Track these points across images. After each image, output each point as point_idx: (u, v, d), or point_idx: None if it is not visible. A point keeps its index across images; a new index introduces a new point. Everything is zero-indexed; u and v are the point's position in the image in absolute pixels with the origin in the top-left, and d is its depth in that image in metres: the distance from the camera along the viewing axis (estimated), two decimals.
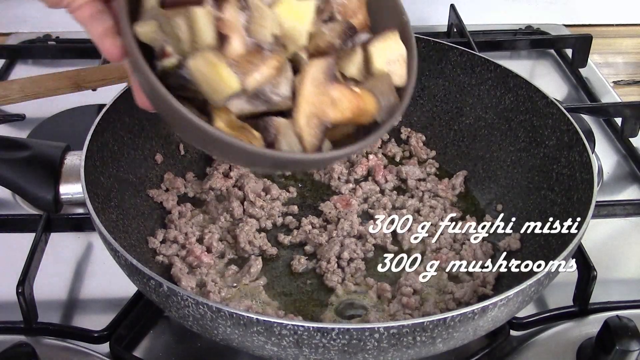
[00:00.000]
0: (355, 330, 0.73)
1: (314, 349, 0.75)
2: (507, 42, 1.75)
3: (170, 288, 0.78)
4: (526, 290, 0.81)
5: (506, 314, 0.83)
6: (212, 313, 0.76)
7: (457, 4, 1.79)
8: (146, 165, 1.13)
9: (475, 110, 1.23)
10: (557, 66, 1.76)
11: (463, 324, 0.77)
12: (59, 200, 0.97)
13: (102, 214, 0.93)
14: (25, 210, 1.21)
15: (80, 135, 1.00)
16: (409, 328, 0.74)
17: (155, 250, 1.05)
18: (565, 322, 1.04)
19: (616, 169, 1.41)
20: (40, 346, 0.92)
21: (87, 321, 1.03)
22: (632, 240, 1.24)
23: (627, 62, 1.84)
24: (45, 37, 1.76)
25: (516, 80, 1.17)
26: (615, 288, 1.12)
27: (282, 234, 1.12)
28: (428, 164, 1.26)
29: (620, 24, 1.96)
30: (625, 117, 1.44)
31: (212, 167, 1.21)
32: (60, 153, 0.99)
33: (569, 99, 1.63)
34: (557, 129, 1.09)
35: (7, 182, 0.97)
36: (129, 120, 1.10)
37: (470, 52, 1.24)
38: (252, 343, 0.77)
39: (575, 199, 1.00)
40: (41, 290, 1.02)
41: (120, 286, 1.00)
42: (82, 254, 1.16)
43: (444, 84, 1.27)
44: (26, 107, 1.46)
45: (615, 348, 0.90)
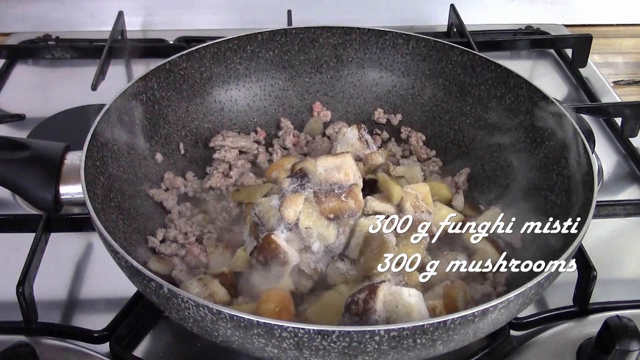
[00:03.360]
0: (356, 333, 0.73)
1: (315, 351, 0.75)
2: (507, 42, 1.75)
3: (170, 290, 0.78)
4: (526, 292, 0.80)
5: (506, 316, 0.83)
6: (213, 315, 0.76)
7: (457, 4, 1.78)
8: (146, 165, 1.13)
9: (475, 110, 1.23)
10: (557, 66, 1.76)
11: (463, 327, 0.77)
12: (59, 200, 0.97)
13: (102, 214, 0.92)
14: (25, 210, 1.22)
15: (80, 135, 0.99)
16: (409, 331, 0.74)
17: (155, 249, 1.05)
18: (565, 322, 1.04)
19: (616, 169, 1.41)
20: (40, 346, 0.92)
21: (87, 321, 1.03)
22: (632, 240, 1.24)
23: (627, 62, 1.84)
24: (45, 37, 1.76)
25: (516, 80, 1.17)
26: (615, 288, 1.13)
27: None
28: (431, 162, 1.26)
29: (620, 24, 1.96)
30: (625, 117, 1.43)
31: (212, 166, 1.21)
32: (60, 153, 0.99)
33: (569, 99, 1.63)
34: (557, 129, 1.09)
35: (7, 182, 0.97)
36: (129, 120, 1.10)
37: (471, 52, 1.24)
38: (253, 345, 0.77)
39: (576, 199, 1.00)
40: (41, 290, 1.02)
41: (120, 286, 1.00)
42: (82, 254, 1.16)
43: (444, 83, 1.27)
44: (26, 107, 1.47)
45: (615, 348, 0.90)
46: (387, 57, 1.31)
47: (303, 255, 0.97)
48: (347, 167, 1.01)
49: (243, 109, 1.29)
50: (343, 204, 0.97)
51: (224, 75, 1.26)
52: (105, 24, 1.68)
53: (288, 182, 1.00)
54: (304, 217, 0.96)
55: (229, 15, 1.84)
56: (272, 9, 1.77)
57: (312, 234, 0.96)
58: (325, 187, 1.00)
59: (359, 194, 0.99)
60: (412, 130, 1.30)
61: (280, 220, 0.96)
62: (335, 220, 0.98)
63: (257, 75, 1.29)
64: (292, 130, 1.30)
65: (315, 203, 0.97)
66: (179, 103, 1.20)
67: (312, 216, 0.96)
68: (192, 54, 1.21)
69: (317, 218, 0.96)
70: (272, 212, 0.98)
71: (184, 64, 1.20)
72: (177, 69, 1.19)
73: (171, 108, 1.19)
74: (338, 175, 1.00)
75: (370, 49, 1.31)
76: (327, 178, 1.00)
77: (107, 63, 1.55)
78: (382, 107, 1.32)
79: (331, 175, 1.00)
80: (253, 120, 1.30)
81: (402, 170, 1.18)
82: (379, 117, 1.32)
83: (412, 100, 1.31)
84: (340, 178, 1.00)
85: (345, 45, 1.31)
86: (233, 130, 1.27)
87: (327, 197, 0.97)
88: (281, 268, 0.94)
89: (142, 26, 1.82)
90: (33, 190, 0.97)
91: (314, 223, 0.96)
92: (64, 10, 1.78)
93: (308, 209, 0.96)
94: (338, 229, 0.99)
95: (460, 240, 1.07)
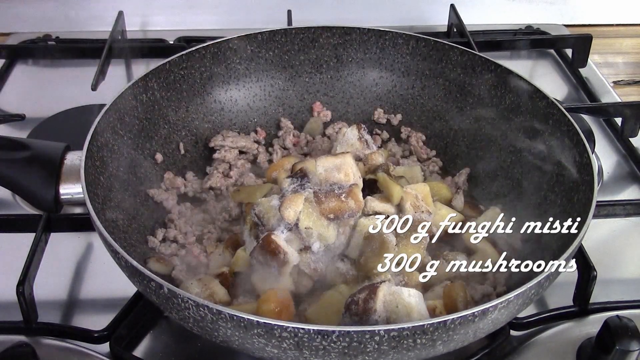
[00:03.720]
0: (356, 333, 0.73)
1: (315, 351, 0.75)
2: (507, 42, 1.75)
3: (170, 290, 0.78)
4: (526, 292, 0.80)
5: (506, 316, 0.83)
6: (213, 315, 0.76)
7: (457, 4, 1.78)
8: (146, 165, 1.13)
9: (475, 110, 1.23)
10: (557, 66, 1.76)
11: (463, 327, 0.77)
12: (59, 200, 0.97)
13: (102, 214, 0.93)
14: (25, 210, 1.21)
15: (80, 135, 0.99)
16: (409, 331, 0.74)
17: (155, 249, 1.05)
18: (565, 322, 1.04)
19: (616, 169, 1.41)
20: (40, 346, 0.92)
21: (87, 321, 1.03)
22: (632, 240, 1.24)
23: (627, 62, 1.84)
24: (45, 37, 1.75)
25: (516, 80, 1.17)
26: (615, 288, 1.13)
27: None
28: (431, 162, 1.26)
29: (620, 24, 1.96)
30: (625, 117, 1.43)
31: (212, 166, 1.21)
32: (60, 153, 0.98)
33: (569, 99, 1.63)
34: (557, 129, 1.09)
35: (7, 182, 0.97)
36: (129, 120, 1.10)
37: (471, 51, 1.24)
38: (253, 345, 0.77)
39: (576, 199, 1.00)
40: (41, 290, 1.02)
41: (120, 286, 1.00)
42: (82, 254, 1.16)
43: (444, 83, 1.27)
44: (26, 107, 1.47)
45: (615, 348, 0.90)
46: (387, 57, 1.31)
47: (303, 256, 0.97)
48: (347, 167, 1.01)
49: (243, 109, 1.29)
50: (343, 204, 0.97)
51: (224, 75, 1.26)
52: (105, 24, 1.68)
53: (288, 182, 1.00)
54: (304, 217, 0.96)
55: (229, 15, 1.84)
56: (272, 9, 1.77)
57: (312, 234, 0.96)
58: (325, 187, 1.00)
59: (359, 194, 1.00)
60: (412, 130, 1.30)
61: (280, 220, 0.96)
62: (335, 221, 0.98)
63: (257, 75, 1.29)
64: (292, 130, 1.30)
65: (315, 203, 0.97)
66: (179, 103, 1.20)
67: (312, 216, 0.96)
68: (192, 54, 1.21)
69: (317, 218, 0.97)
70: (272, 212, 0.98)
71: (184, 64, 1.20)
72: (177, 69, 1.19)
73: (171, 108, 1.19)
74: (338, 175, 1.00)
75: (370, 49, 1.31)
76: (327, 178, 1.00)
77: (107, 63, 1.55)
78: (382, 107, 1.32)
79: (331, 175, 1.00)
80: (253, 120, 1.30)
81: (402, 170, 1.18)
82: (379, 117, 1.32)
83: (412, 100, 1.31)
84: (340, 178, 1.00)
85: (345, 45, 1.31)
86: (233, 130, 1.27)
87: (327, 198, 0.97)
88: (281, 268, 0.94)
89: (142, 26, 1.82)
90: (33, 190, 0.97)
91: (314, 223, 0.96)
92: (64, 10, 1.78)
93: (308, 209, 0.96)
94: (338, 229, 0.99)
95: (460, 240, 1.07)
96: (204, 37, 1.58)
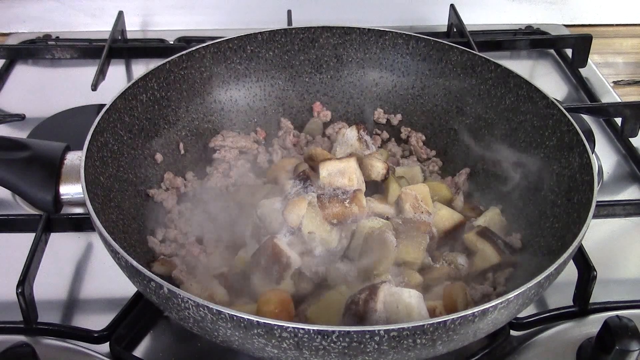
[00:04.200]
0: (356, 333, 0.73)
1: (315, 351, 0.75)
2: (507, 42, 1.75)
3: (170, 290, 0.78)
4: (526, 292, 0.80)
5: (506, 317, 0.82)
6: (213, 315, 0.76)
7: (457, 4, 1.78)
8: (146, 165, 1.13)
9: (475, 110, 1.23)
10: (557, 66, 1.76)
11: (463, 327, 0.77)
12: (59, 200, 0.97)
13: (102, 214, 0.92)
14: (25, 210, 1.22)
15: (80, 135, 0.99)
16: (409, 331, 0.74)
17: (155, 249, 1.05)
18: (565, 322, 1.04)
19: (616, 169, 1.41)
20: (40, 346, 0.92)
21: (87, 321, 1.03)
22: (632, 240, 1.24)
23: (627, 62, 1.84)
24: (45, 37, 1.76)
25: (516, 80, 1.17)
26: (615, 288, 1.13)
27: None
28: (431, 162, 1.26)
29: (620, 24, 1.96)
30: (625, 117, 1.43)
31: (212, 166, 1.21)
32: (60, 153, 0.98)
33: (569, 99, 1.63)
34: (557, 129, 1.09)
35: (7, 182, 0.97)
36: (129, 120, 1.10)
37: (471, 51, 1.24)
38: (253, 345, 0.77)
39: (576, 199, 1.00)
40: (41, 290, 1.02)
41: (120, 286, 1.00)
42: (82, 254, 1.16)
43: (444, 83, 1.27)
44: (26, 107, 1.47)
45: (615, 348, 0.90)
46: (387, 57, 1.31)
47: (305, 259, 0.97)
48: (351, 172, 1.01)
49: (243, 109, 1.29)
50: (347, 210, 0.97)
51: (224, 75, 1.26)
52: (105, 24, 1.68)
53: (291, 185, 1.00)
54: (307, 222, 0.96)
55: (229, 15, 1.84)
56: (272, 9, 1.77)
57: (315, 238, 0.96)
58: (328, 191, 1.00)
59: (362, 200, 0.99)
60: (412, 130, 1.30)
61: (282, 223, 0.96)
62: (338, 226, 0.98)
63: (257, 75, 1.29)
64: (292, 130, 1.29)
65: (318, 208, 0.97)
66: (179, 103, 1.20)
67: (315, 221, 0.96)
68: (192, 54, 1.21)
69: (320, 223, 0.97)
70: (274, 215, 0.98)
71: (184, 64, 1.20)
72: (177, 69, 1.19)
73: (171, 108, 1.19)
74: (342, 180, 1.00)
75: (370, 49, 1.31)
76: (331, 182, 1.00)
77: (107, 63, 1.55)
78: (382, 107, 1.32)
79: (335, 179, 1.00)
80: (253, 120, 1.30)
81: (402, 171, 1.18)
82: (379, 117, 1.32)
83: (412, 100, 1.31)
84: (344, 183, 1.00)
85: (345, 45, 1.31)
86: (233, 130, 1.27)
87: (330, 203, 0.97)
88: (283, 272, 0.94)
89: (142, 26, 1.82)
90: (33, 191, 0.97)
91: (317, 228, 0.96)
92: (64, 10, 1.79)
93: (311, 213, 0.96)
94: (340, 233, 0.99)
95: (460, 240, 1.07)
96: (204, 37, 1.58)
